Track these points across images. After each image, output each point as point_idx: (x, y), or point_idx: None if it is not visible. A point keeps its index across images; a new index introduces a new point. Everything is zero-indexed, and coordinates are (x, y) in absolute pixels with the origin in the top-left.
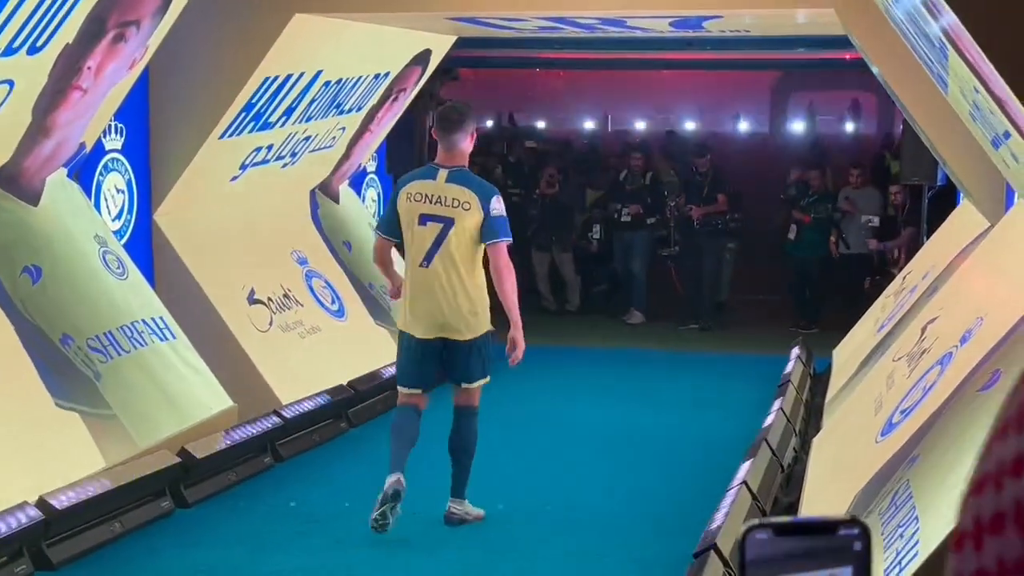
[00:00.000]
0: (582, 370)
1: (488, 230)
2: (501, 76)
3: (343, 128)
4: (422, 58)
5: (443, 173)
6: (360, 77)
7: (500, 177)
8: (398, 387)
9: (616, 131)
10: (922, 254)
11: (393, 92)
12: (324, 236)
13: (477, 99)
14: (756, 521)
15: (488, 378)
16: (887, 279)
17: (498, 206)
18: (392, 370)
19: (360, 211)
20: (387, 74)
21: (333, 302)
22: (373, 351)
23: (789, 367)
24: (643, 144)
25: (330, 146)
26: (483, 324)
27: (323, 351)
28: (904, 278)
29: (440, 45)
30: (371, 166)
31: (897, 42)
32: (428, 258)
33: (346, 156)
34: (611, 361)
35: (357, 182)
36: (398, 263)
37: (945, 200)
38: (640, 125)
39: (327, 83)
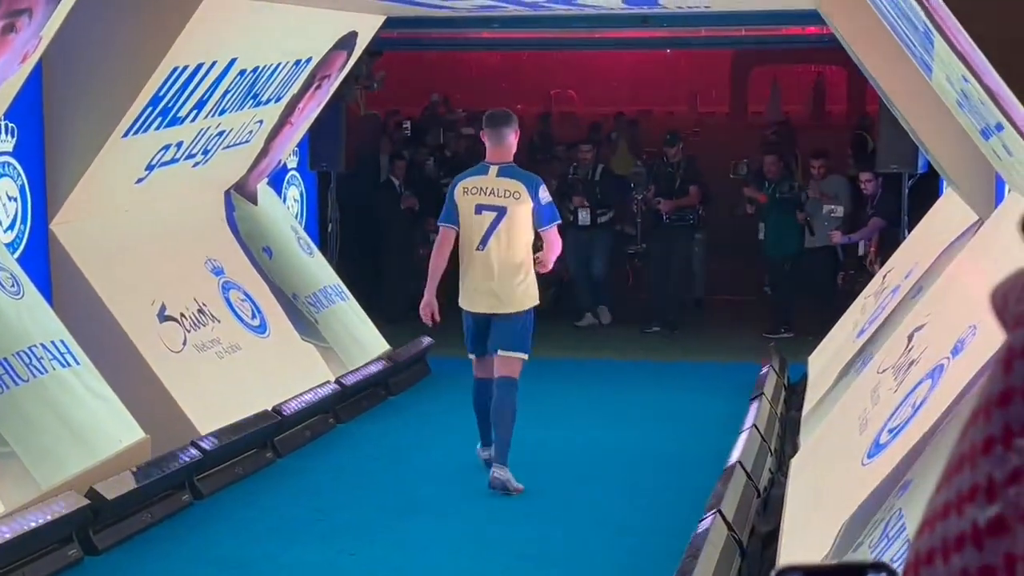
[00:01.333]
0: (534, 386)
1: (541, 216)
2: (435, 60)
3: (260, 121)
4: (347, 41)
5: (494, 168)
6: (279, 64)
7: (433, 171)
8: (469, 355)
9: (564, 117)
10: (904, 249)
11: (316, 80)
12: (242, 242)
13: (408, 85)
14: (788, 564)
15: (527, 356)
16: (862, 276)
17: (545, 194)
18: (323, 391)
19: (281, 213)
20: (308, 60)
21: (254, 316)
22: (300, 371)
23: (761, 377)
24: (593, 132)
25: (246, 141)
26: (530, 299)
27: (244, 372)
28: (884, 276)
29: (367, 26)
30: (292, 162)
31: (875, 21)
32: (484, 242)
33: (264, 152)
34: (566, 373)
35: (277, 180)
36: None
37: (924, 190)
38: (590, 111)
39: (242, 72)
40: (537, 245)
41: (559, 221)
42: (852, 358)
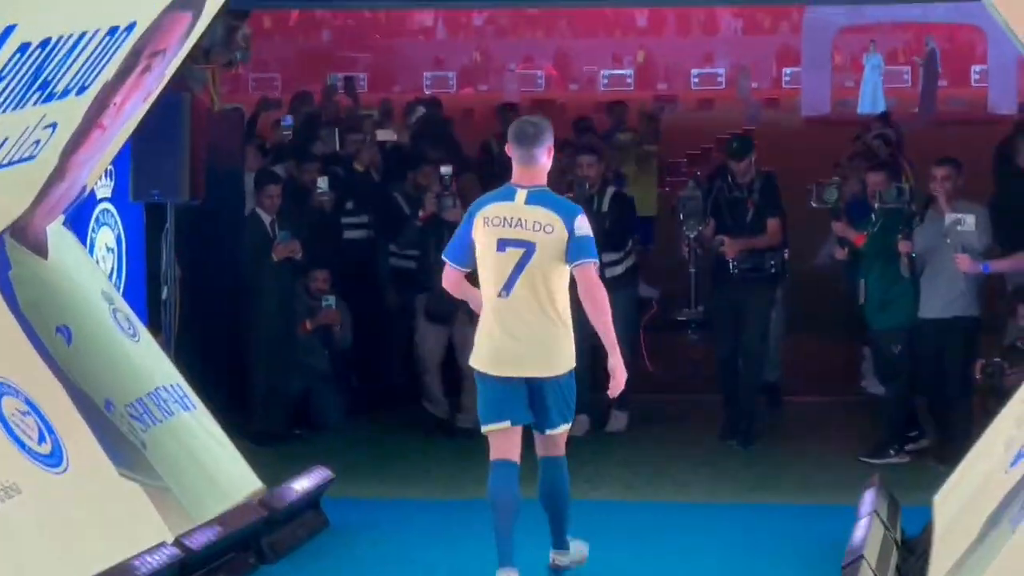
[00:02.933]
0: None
1: (575, 250)
2: (328, 21)
3: (53, 124)
4: None
5: (522, 193)
6: (83, 35)
7: (327, 199)
8: (483, 428)
9: (537, 107)
10: None
11: (142, 58)
12: (22, 318)
13: (290, 62)
14: None
15: (571, 424)
16: (1016, 365)
17: (583, 224)
18: (154, 560)
19: (86, 270)
20: (131, 26)
21: (42, 440)
22: (117, 526)
23: (860, 531)
24: (584, 132)
25: (29, 157)
26: (568, 360)
27: (25, 532)
28: None
29: None
30: (104, 189)
31: None
32: (508, 287)
33: (59, 173)
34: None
35: (80, 219)
36: None
37: None
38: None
39: (24, 47)
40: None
41: (595, 259)
42: (1004, 499)
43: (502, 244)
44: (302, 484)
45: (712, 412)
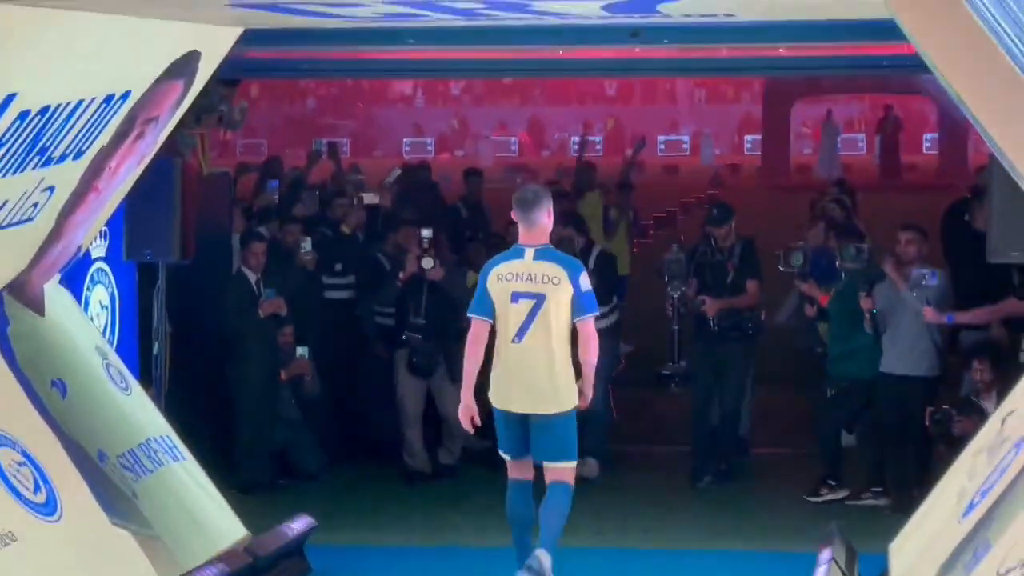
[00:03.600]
0: None
1: (578, 306)
2: (313, 90)
3: (51, 188)
4: (185, 66)
5: (530, 251)
6: (80, 102)
7: (309, 258)
8: (502, 454)
9: (507, 169)
10: None
11: (136, 125)
12: (19, 372)
13: (279, 128)
14: None
15: (576, 463)
16: (967, 415)
17: (585, 281)
18: None
19: (80, 327)
20: (126, 95)
21: (37, 490)
22: (107, 573)
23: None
24: (558, 194)
25: (28, 219)
26: (572, 399)
27: None
28: (1004, 420)
29: (215, 43)
30: (99, 249)
31: (983, 39)
32: (520, 334)
33: (56, 234)
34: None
35: (75, 277)
36: None
37: None
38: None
39: (24, 114)
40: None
41: (597, 312)
42: (957, 548)
43: (515, 296)
44: (286, 532)
45: (680, 462)
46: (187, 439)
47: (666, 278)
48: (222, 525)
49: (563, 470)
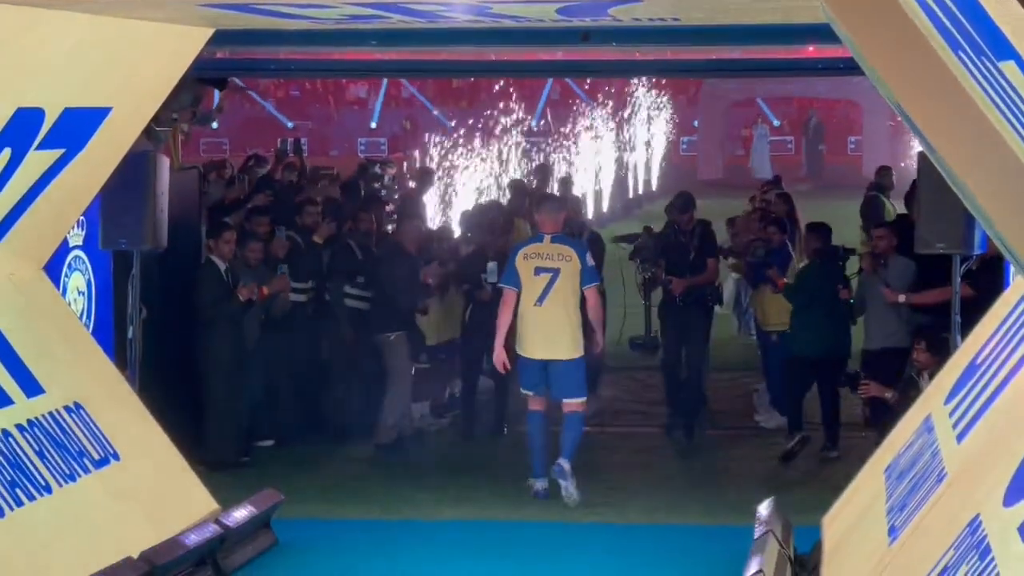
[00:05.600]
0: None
1: (586, 276)
2: (272, 92)
3: None
4: None
5: (547, 237)
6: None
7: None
8: (524, 391)
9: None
10: (960, 357)
11: None
12: None
13: (236, 125)
14: None
15: (586, 399)
16: (903, 391)
17: (589, 259)
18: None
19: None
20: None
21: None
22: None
23: (757, 549)
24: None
25: None
26: (580, 347)
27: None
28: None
29: (186, 43)
30: (76, 238)
31: (919, 39)
32: (541, 299)
33: None
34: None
35: (54, 264)
36: None
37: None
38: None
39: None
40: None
41: (598, 282)
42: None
43: (537, 271)
44: (254, 505)
45: (626, 444)
46: (160, 418)
47: (638, 261)
48: (194, 498)
49: (576, 404)
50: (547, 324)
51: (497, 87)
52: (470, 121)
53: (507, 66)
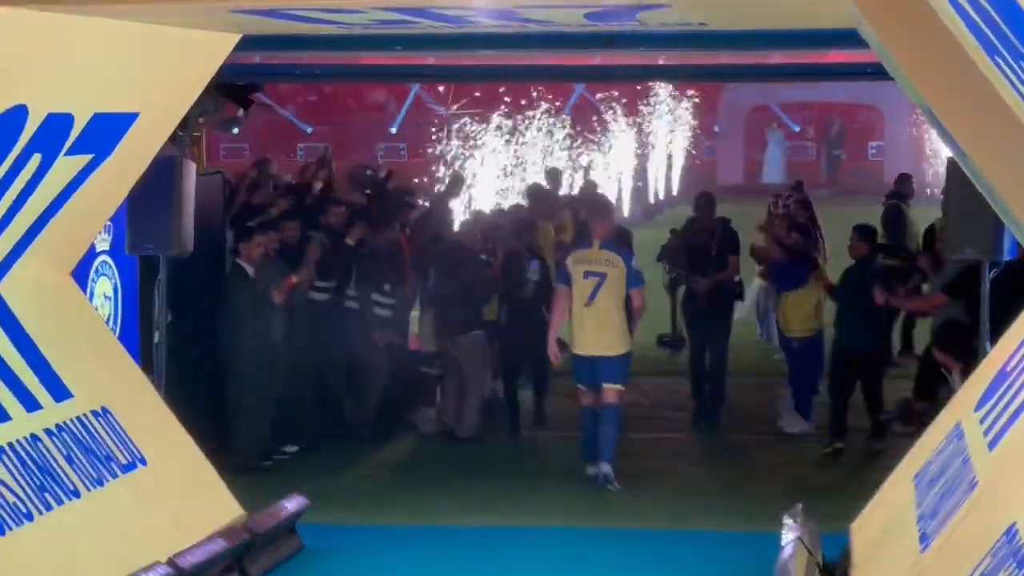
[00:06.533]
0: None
1: (632, 280)
2: (292, 97)
3: None
4: None
5: (596, 243)
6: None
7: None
8: (577, 386)
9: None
10: (989, 364)
11: None
12: None
13: (258, 131)
14: None
15: (625, 386)
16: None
17: (635, 263)
18: None
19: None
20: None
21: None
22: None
23: (785, 555)
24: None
25: None
26: (627, 344)
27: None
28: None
29: (214, 48)
30: (103, 243)
31: (952, 42)
32: (590, 300)
33: None
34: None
35: (81, 270)
36: None
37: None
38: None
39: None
40: None
41: (642, 286)
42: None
43: (587, 274)
44: (280, 510)
45: (651, 449)
46: (186, 423)
47: (664, 264)
48: (220, 503)
49: (615, 390)
50: (596, 323)
51: (521, 95)
52: (493, 125)
53: (533, 71)
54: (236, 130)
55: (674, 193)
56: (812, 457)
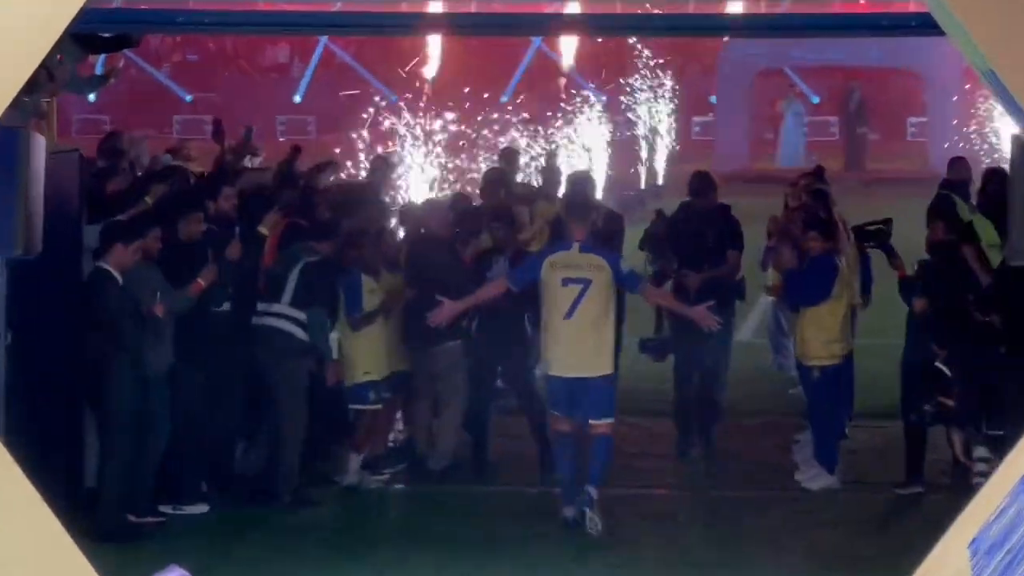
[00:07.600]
0: None
1: (630, 283)
2: (167, 56)
3: None
4: None
5: (576, 245)
6: None
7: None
8: (551, 412)
9: None
10: None
11: None
12: None
13: (120, 101)
14: None
15: (613, 420)
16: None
17: (624, 265)
18: None
19: None
20: None
21: None
22: None
23: None
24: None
25: None
26: (610, 364)
27: None
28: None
29: None
30: None
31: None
32: (571, 312)
33: None
34: None
35: None
36: None
37: None
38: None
39: None
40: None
41: (645, 283)
42: None
43: (566, 281)
44: None
45: (634, 509)
46: (31, 470)
47: (646, 252)
48: None
49: (605, 425)
50: (577, 339)
51: (462, 52)
52: (423, 95)
53: (484, 20)
54: (93, 96)
55: (658, 182)
56: (837, 518)
